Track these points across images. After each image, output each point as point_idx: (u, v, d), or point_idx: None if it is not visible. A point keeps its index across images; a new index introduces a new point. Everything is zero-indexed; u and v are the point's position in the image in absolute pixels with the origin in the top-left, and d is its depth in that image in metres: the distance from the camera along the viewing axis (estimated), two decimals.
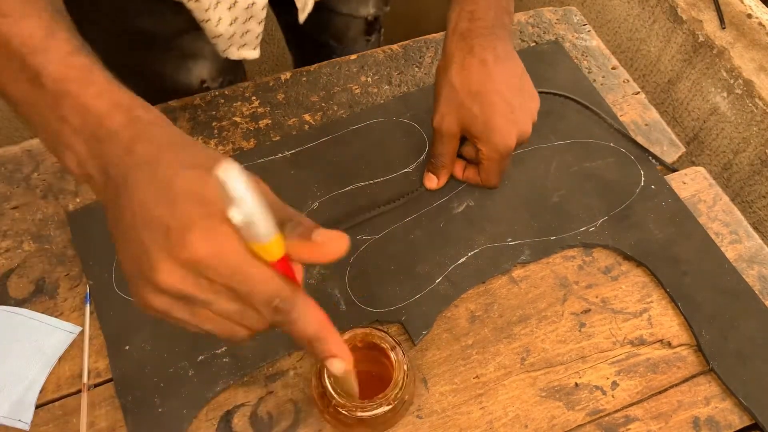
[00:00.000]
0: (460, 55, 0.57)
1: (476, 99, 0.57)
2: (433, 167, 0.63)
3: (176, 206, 0.32)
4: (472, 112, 0.57)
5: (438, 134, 0.60)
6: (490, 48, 0.57)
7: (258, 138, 0.68)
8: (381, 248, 0.62)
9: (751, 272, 0.63)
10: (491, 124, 0.57)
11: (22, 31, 0.35)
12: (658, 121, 0.73)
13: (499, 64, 0.57)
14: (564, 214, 0.65)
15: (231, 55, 0.73)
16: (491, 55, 0.57)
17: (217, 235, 0.32)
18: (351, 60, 0.75)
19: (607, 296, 0.61)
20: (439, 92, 0.59)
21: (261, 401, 0.54)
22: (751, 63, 0.81)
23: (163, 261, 0.32)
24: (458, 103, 0.57)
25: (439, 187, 0.64)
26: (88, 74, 0.36)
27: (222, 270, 0.32)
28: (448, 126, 0.59)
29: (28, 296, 0.58)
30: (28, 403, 0.53)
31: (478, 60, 0.57)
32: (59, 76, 0.35)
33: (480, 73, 0.57)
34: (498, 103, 0.57)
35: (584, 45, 0.79)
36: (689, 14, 0.86)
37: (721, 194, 0.68)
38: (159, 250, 0.32)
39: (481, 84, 0.57)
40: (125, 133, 0.34)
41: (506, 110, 0.57)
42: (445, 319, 0.59)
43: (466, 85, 0.57)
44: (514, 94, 0.58)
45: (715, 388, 0.57)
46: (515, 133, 0.58)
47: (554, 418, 0.54)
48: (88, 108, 0.35)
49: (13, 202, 0.63)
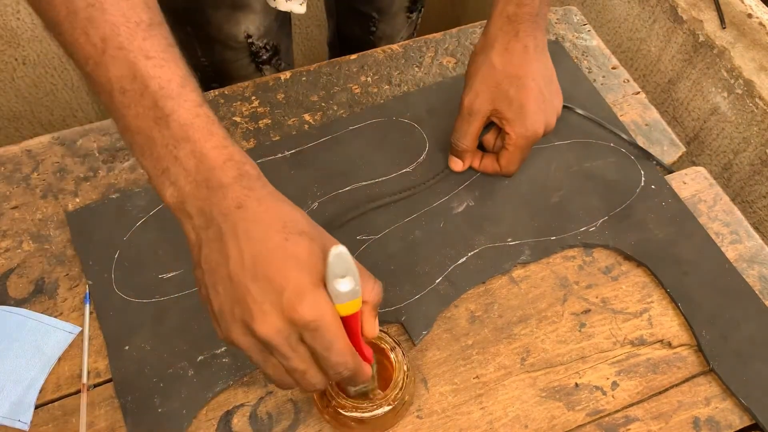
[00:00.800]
0: (505, 38, 0.58)
1: (514, 82, 0.58)
2: (456, 150, 0.64)
3: (289, 271, 0.38)
4: (509, 94, 0.58)
5: (467, 113, 0.60)
6: (533, 36, 0.59)
7: (258, 138, 0.68)
8: (381, 248, 0.61)
9: (752, 272, 0.63)
10: (525, 109, 0.58)
11: (162, 75, 0.39)
12: (658, 121, 0.73)
13: (538, 53, 0.59)
14: (564, 214, 0.65)
15: (280, 6, 0.76)
16: (532, 43, 0.58)
17: (322, 303, 0.38)
18: (351, 60, 0.75)
19: (607, 296, 0.61)
20: (476, 71, 0.59)
21: (261, 401, 0.54)
22: (752, 63, 0.81)
23: (269, 314, 0.37)
24: (496, 84, 0.58)
25: (462, 170, 0.65)
26: (211, 126, 0.40)
27: (319, 333, 0.38)
28: (480, 104, 0.59)
29: (27, 296, 0.58)
30: (28, 404, 0.52)
31: (522, 45, 0.58)
32: (186, 122, 0.39)
33: (521, 58, 0.58)
34: (534, 89, 0.58)
35: (584, 45, 0.79)
36: (689, 14, 0.86)
37: (722, 194, 0.68)
38: (269, 303, 0.37)
39: (521, 68, 0.58)
40: (236, 187, 0.39)
41: (539, 99, 0.58)
42: (445, 319, 0.59)
43: (508, 67, 0.58)
44: (547, 84, 0.59)
45: (716, 388, 0.57)
46: (543, 122, 0.59)
47: (554, 419, 0.54)
48: (205, 156, 0.39)
49: (12, 202, 0.63)
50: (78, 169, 0.65)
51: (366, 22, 0.97)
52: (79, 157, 0.66)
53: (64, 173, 0.65)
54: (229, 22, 0.81)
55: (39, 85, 1.25)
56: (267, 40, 0.86)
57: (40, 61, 1.20)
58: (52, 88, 1.26)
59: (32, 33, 1.15)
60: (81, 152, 0.66)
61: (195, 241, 0.41)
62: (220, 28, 0.82)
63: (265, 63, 0.88)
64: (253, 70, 0.88)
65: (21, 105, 1.27)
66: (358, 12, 0.97)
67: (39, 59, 1.20)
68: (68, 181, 0.64)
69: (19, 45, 1.16)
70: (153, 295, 0.58)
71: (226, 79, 0.87)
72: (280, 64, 0.90)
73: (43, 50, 1.19)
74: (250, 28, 0.82)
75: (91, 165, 0.65)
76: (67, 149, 0.66)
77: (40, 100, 1.28)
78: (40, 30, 1.15)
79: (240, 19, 0.81)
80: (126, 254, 0.60)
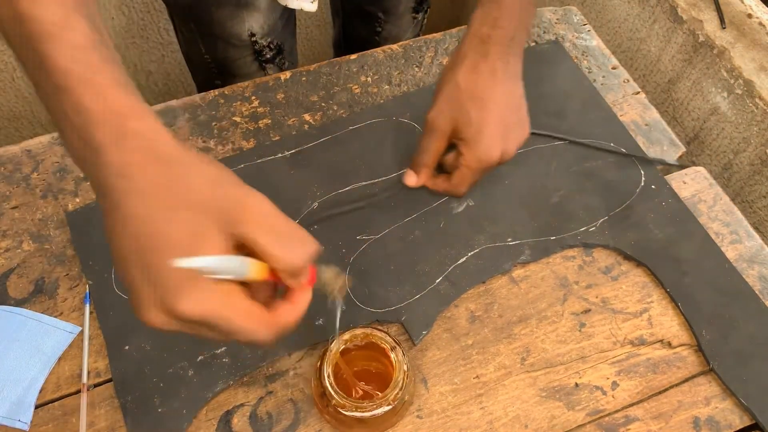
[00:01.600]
0: (474, 57, 0.57)
1: (476, 103, 0.57)
2: (416, 164, 0.62)
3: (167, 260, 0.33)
4: (469, 115, 0.57)
5: (429, 129, 0.60)
6: (503, 60, 0.58)
7: (258, 138, 0.68)
8: (381, 248, 0.61)
9: (752, 272, 0.63)
10: (482, 133, 0.57)
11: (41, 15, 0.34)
12: (658, 121, 0.73)
13: (507, 79, 0.58)
14: (564, 214, 0.65)
15: (290, 3, 0.76)
16: (502, 67, 0.58)
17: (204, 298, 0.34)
18: (351, 60, 0.75)
19: (607, 296, 0.61)
20: (442, 88, 0.59)
21: (261, 401, 0.54)
22: (752, 63, 0.81)
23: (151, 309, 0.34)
24: (459, 103, 0.57)
25: (416, 185, 0.63)
26: (92, 74, 0.34)
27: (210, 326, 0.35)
28: (442, 122, 0.58)
29: (27, 296, 0.58)
30: (28, 403, 0.53)
31: (490, 68, 0.57)
32: (63, 69, 0.34)
33: (488, 80, 0.57)
34: (495, 115, 0.57)
35: (584, 45, 0.79)
36: (689, 14, 0.86)
37: (722, 194, 0.68)
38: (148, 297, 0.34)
39: (484, 91, 0.57)
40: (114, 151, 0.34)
41: (500, 125, 0.57)
42: (445, 319, 0.59)
43: (472, 88, 0.57)
44: (512, 113, 0.58)
45: (715, 388, 0.57)
46: (500, 149, 0.58)
47: (554, 418, 0.54)
48: (85, 110, 0.34)
49: (13, 202, 0.63)
50: (78, 169, 0.65)
51: (372, 23, 0.97)
52: None
53: (64, 173, 0.65)
54: (233, 20, 0.81)
55: None
56: (271, 39, 0.86)
57: None
58: None
59: None
60: None
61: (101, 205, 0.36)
62: (224, 26, 0.82)
63: (269, 62, 0.88)
64: (256, 68, 0.88)
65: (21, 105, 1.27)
66: (364, 12, 0.97)
67: None
68: (68, 181, 0.64)
69: None
70: None
71: (230, 77, 0.87)
72: (284, 63, 0.90)
73: None
74: (254, 27, 0.82)
75: None
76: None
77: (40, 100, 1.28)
78: None
79: (244, 17, 0.81)
80: None
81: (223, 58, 0.86)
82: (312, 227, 0.62)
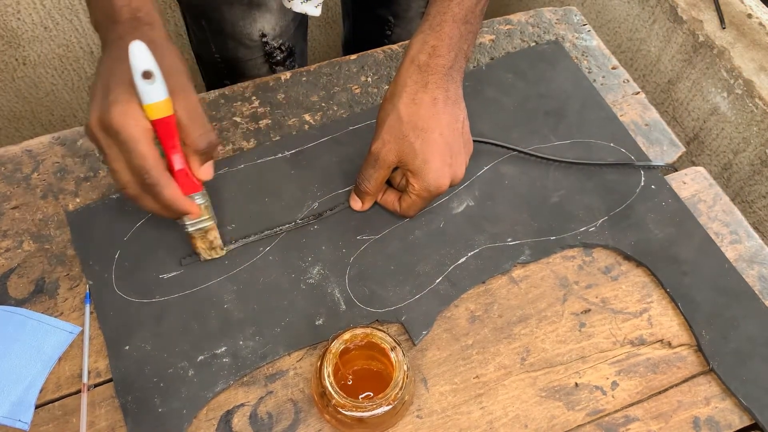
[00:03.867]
0: (413, 88, 0.57)
1: (420, 135, 0.57)
2: (360, 192, 0.62)
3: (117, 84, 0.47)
4: (414, 147, 0.57)
5: (373, 159, 0.59)
6: (443, 88, 0.58)
7: (258, 138, 0.68)
8: (381, 248, 0.62)
9: (751, 272, 0.63)
10: (429, 164, 0.57)
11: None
12: (658, 121, 0.73)
13: (447, 106, 0.58)
14: (564, 214, 0.65)
15: (295, 7, 0.77)
16: (442, 96, 0.57)
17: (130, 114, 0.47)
18: (351, 60, 0.75)
19: (607, 296, 0.61)
20: (384, 119, 0.58)
21: (261, 401, 0.54)
22: (751, 63, 0.81)
23: (94, 112, 0.48)
24: (401, 135, 0.57)
25: (363, 210, 0.63)
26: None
27: (122, 137, 0.47)
28: (386, 153, 0.58)
29: (28, 296, 0.58)
30: (28, 403, 0.53)
31: (430, 97, 0.57)
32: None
33: (429, 110, 0.57)
34: (440, 144, 0.57)
35: (584, 45, 0.79)
36: (689, 14, 0.86)
37: (721, 194, 0.68)
38: (98, 105, 0.48)
39: (427, 121, 0.57)
40: (124, 26, 0.50)
41: (446, 153, 0.57)
42: (445, 319, 0.59)
43: (414, 120, 0.57)
44: (456, 138, 0.58)
45: (715, 388, 0.57)
46: (449, 176, 0.58)
47: (554, 418, 0.54)
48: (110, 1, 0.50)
49: (13, 202, 0.63)
50: (78, 169, 0.65)
51: (382, 26, 0.96)
52: (80, 157, 0.66)
53: (65, 173, 0.65)
54: (245, 20, 0.81)
55: (39, 85, 1.25)
56: (282, 41, 0.85)
57: (40, 61, 1.21)
58: (52, 88, 1.26)
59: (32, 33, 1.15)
60: (81, 152, 0.66)
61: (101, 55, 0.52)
62: (235, 25, 0.82)
63: (279, 64, 0.88)
64: (266, 70, 0.88)
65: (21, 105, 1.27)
66: (374, 15, 0.97)
67: (39, 59, 1.20)
68: (68, 181, 0.64)
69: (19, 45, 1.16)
70: (153, 295, 0.58)
71: (239, 77, 0.87)
72: (294, 66, 0.90)
73: (43, 50, 1.19)
74: (265, 27, 0.82)
75: (91, 165, 0.65)
76: (68, 149, 0.66)
77: (40, 100, 1.28)
78: (40, 30, 1.15)
79: (256, 17, 0.81)
80: (126, 254, 0.60)
81: (234, 58, 0.86)
82: (312, 227, 0.62)
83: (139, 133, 0.47)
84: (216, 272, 0.59)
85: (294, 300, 0.58)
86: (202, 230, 0.56)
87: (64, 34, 1.18)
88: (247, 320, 0.57)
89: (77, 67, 1.25)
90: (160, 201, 0.50)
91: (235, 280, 0.59)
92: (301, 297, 0.59)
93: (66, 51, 1.21)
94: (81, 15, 1.16)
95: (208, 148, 0.51)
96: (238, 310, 0.58)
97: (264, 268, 0.60)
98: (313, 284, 0.59)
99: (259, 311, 0.58)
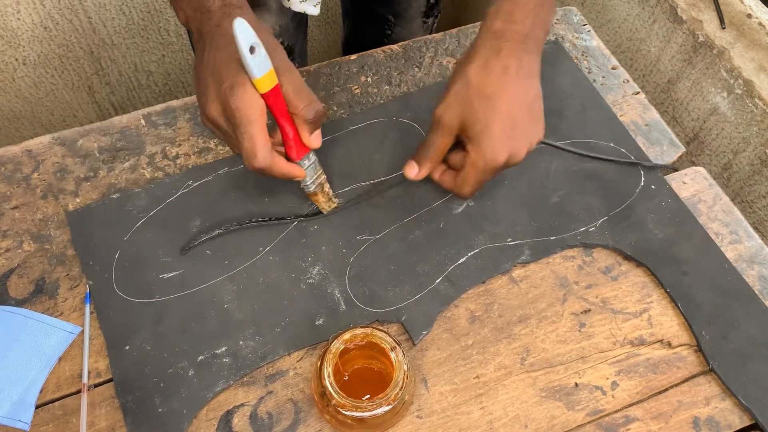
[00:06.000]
0: (486, 54, 0.56)
1: (485, 102, 0.55)
2: (419, 157, 0.59)
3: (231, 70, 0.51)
4: (477, 114, 0.55)
5: (436, 124, 0.58)
6: (516, 57, 0.56)
7: None
8: (381, 248, 0.62)
9: (751, 272, 0.63)
10: (489, 132, 0.55)
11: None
12: (658, 121, 0.73)
13: (519, 78, 0.56)
14: (564, 214, 0.65)
15: (294, 6, 0.77)
16: (515, 65, 0.55)
17: (247, 96, 0.51)
18: (351, 60, 0.75)
19: (607, 296, 0.61)
20: (452, 84, 0.57)
21: (261, 401, 0.54)
22: (751, 63, 0.81)
23: (213, 101, 0.52)
24: (467, 100, 0.56)
25: (417, 179, 0.59)
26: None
27: (236, 118, 0.51)
28: (449, 118, 0.56)
29: (28, 296, 0.58)
30: (28, 403, 0.53)
31: (502, 65, 0.55)
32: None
33: (498, 78, 0.55)
34: (504, 114, 0.55)
35: (584, 45, 0.79)
36: (689, 14, 0.86)
37: (721, 194, 0.68)
38: (215, 93, 0.52)
39: (495, 90, 0.55)
40: (218, 13, 0.54)
41: (508, 125, 0.55)
42: (445, 319, 0.59)
43: (482, 86, 0.55)
44: (523, 113, 0.56)
45: (715, 388, 0.57)
46: (508, 150, 0.55)
47: (554, 418, 0.54)
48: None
49: (13, 202, 0.63)
50: (78, 170, 0.65)
51: (382, 25, 0.96)
52: (80, 157, 0.66)
53: (65, 173, 0.65)
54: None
55: (39, 85, 1.25)
56: (282, 40, 0.85)
57: (40, 61, 1.20)
58: (52, 88, 1.26)
59: (32, 33, 1.15)
60: (81, 152, 0.66)
61: (195, 49, 0.56)
62: None
63: None
64: None
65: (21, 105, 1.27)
66: (374, 14, 0.96)
67: (39, 59, 1.20)
68: (69, 181, 0.64)
69: (19, 45, 1.16)
70: (153, 295, 0.58)
71: None
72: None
73: (43, 50, 1.19)
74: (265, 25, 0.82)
75: (91, 165, 0.65)
76: (68, 149, 0.66)
77: (40, 100, 1.28)
78: (40, 30, 1.15)
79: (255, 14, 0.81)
80: (126, 254, 0.60)
81: None
82: (312, 227, 0.62)
83: (255, 114, 0.51)
84: (216, 272, 0.59)
85: (294, 300, 0.58)
86: (321, 184, 0.61)
87: (64, 34, 1.18)
88: (247, 320, 0.57)
89: (77, 67, 1.25)
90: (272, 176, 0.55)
91: (235, 280, 0.59)
92: (301, 297, 0.59)
93: (66, 51, 1.21)
94: (81, 15, 1.16)
95: (315, 117, 0.54)
96: (238, 310, 0.58)
97: (264, 268, 0.60)
98: (313, 284, 0.59)
99: (259, 311, 0.58)
